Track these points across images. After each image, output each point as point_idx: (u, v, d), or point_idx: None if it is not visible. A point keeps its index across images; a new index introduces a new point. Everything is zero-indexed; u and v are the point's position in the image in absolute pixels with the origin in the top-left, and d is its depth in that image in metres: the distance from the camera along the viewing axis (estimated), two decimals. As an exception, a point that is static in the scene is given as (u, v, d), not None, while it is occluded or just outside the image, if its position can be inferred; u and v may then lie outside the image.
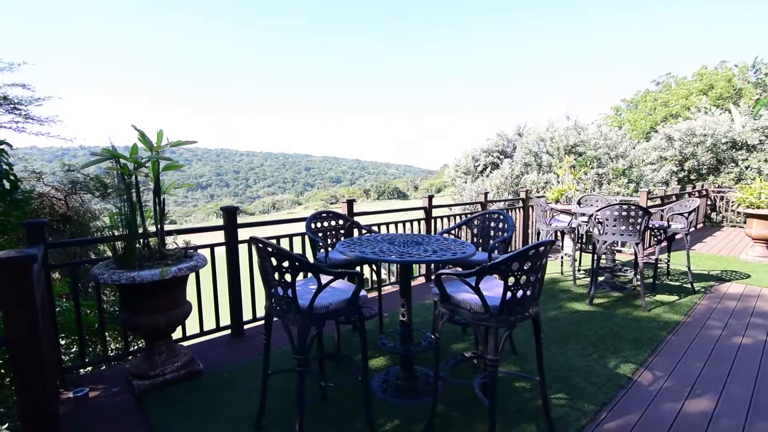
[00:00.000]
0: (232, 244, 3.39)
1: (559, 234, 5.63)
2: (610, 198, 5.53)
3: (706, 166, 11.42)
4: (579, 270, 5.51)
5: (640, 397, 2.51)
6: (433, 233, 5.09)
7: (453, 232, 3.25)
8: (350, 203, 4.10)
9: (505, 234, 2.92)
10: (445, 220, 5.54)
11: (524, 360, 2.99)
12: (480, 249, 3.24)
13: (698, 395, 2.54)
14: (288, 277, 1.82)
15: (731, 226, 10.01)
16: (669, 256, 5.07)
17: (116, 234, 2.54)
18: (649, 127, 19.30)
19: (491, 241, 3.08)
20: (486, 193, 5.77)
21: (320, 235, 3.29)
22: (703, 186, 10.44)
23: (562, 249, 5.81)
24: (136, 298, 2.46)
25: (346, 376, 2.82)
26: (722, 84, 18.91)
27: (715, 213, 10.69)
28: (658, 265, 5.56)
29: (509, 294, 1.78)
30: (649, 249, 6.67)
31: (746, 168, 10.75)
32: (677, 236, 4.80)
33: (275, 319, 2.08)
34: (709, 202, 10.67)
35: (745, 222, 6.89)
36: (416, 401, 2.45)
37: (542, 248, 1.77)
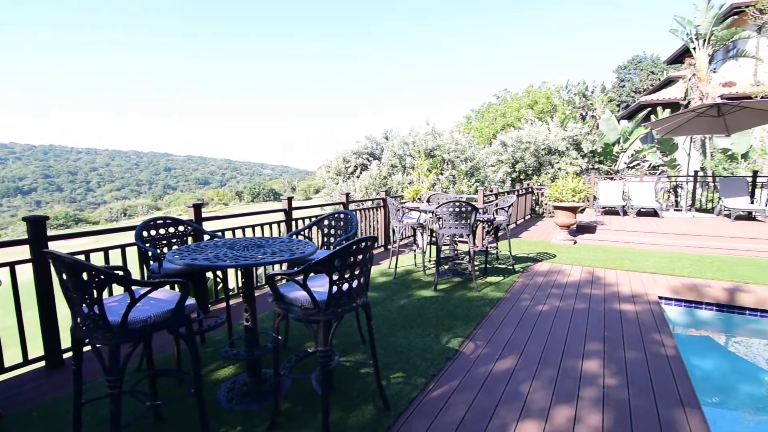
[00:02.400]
0: (40, 260, 2.87)
1: (412, 229, 6.18)
2: (451, 196, 6.29)
3: (531, 168, 13.83)
4: (430, 261, 6.15)
5: (463, 365, 2.96)
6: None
7: (304, 233, 3.32)
8: (197, 207, 3.85)
9: (349, 233, 3.11)
10: (306, 221, 5.59)
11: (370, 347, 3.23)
12: (332, 248, 3.38)
13: (505, 356, 3.10)
14: (94, 292, 1.64)
15: (549, 217, 12.32)
16: (497, 244, 6.00)
17: None
18: (492, 134, 22.51)
19: (336, 240, 3.24)
20: (347, 194, 6.01)
21: (157, 243, 3.02)
22: (529, 184, 12.62)
23: (415, 243, 6.39)
24: None
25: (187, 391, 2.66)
26: (543, 100, 23.17)
27: (538, 206, 13.02)
28: (491, 252, 6.55)
29: (335, 288, 1.92)
30: (488, 238, 7.81)
31: (558, 169, 13.36)
32: (501, 227, 5.73)
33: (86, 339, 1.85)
34: (534, 197, 12.94)
35: (552, 213, 8.56)
36: (263, 404, 2.44)
37: (363, 244, 1.96)
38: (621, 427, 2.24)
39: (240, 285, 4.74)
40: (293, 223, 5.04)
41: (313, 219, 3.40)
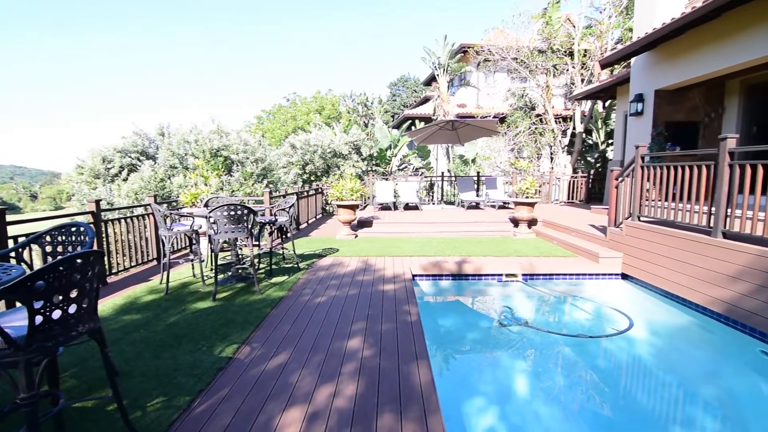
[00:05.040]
0: None
1: (188, 237, 5.65)
2: (233, 199, 6.06)
3: (320, 170, 14.67)
4: (212, 269, 5.76)
5: (235, 371, 2.91)
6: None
7: (11, 255, 2.59)
8: None
9: (84, 248, 2.61)
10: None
11: (127, 376, 2.81)
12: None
13: (279, 352, 3.21)
14: None
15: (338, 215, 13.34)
16: (284, 245, 6.14)
17: None
18: (283, 136, 22.78)
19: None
20: (98, 201, 5.00)
21: None
22: (318, 185, 13.34)
23: (192, 252, 5.88)
24: None
25: None
26: (329, 107, 24.90)
27: (328, 206, 13.91)
28: (278, 253, 6.64)
29: (39, 318, 1.58)
30: (277, 240, 7.88)
31: (343, 171, 14.63)
32: (285, 227, 5.88)
33: None
34: (324, 197, 13.76)
35: (334, 211, 9.32)
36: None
37: (79, 261, 1.68)
38: (371, 389, 2.64)
39: None
40: (9, 241, 3.86)
41: (31, 236, 2.70)
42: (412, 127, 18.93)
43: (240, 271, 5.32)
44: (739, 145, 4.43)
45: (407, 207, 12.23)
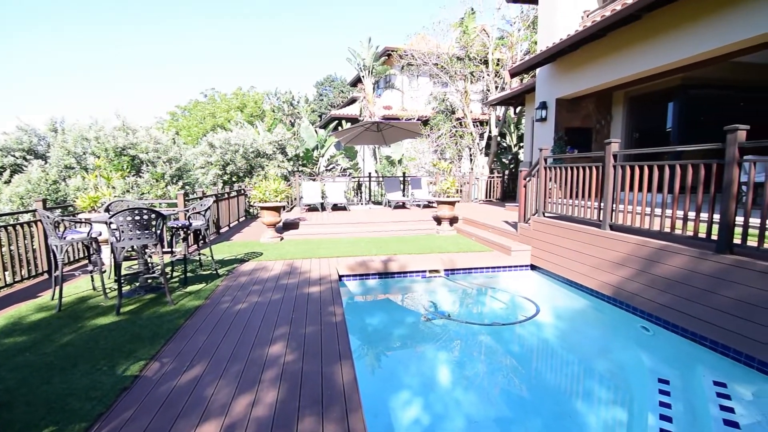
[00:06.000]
0: None
1: (85, 247, 5.07)
2: (140, 203, 5.55)
3: (243, 170, 14.00)
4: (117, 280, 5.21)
5: (142, 390, 2.66)
6: None
7: None
8: None
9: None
10: None
11: (7, 407, 2.44)
12: None
13: (194, 365, 3.01)
14: None
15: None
16: (200, 251, 5.76)
17: None
18: (201, 134, 21.34)
19: None
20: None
21: None
22: (241, 186, 12.72)
23: (91, 262, 5.28)
24: None
25: None
26: (252, 105, 23.85)
27: (252, 208, 13.33)
28: (194, 259, 6.22)
29: None
30: (193, 246, 7.36)
31: (267, 172, 14.11)
32: (201, 232, 5.52)
33: None
34: (247, 199, 13.15)
35: (258, 214, 8.98)
36: None
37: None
38: (293, 394, 2.59)
39: None
40: None
41: None
42: (339, 128, 18.89)
43: (150, 281, 4.88)
44: (622, 149, 5.09)
45: (335, 207, 12.17)
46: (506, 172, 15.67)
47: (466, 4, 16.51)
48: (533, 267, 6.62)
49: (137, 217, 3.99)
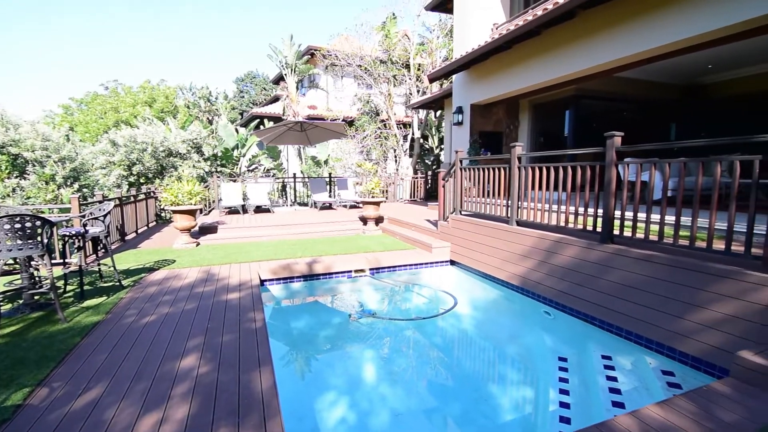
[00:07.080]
0: None
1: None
2: (21, 207, 4.85)
3: (152, 171, 12.84)
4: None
5: (27, 421, 2.34)
6: None
7: None
8: None
9: None
10: None
11: None
12: None
13: (91, 388, 2.71)
14: None
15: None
16: (99, 261, 5.18)
17: None
18: (102, 130, 19.15)
19: None
20: None
21: None
22: (149, 188, 11.66)
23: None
24: None
25: None
26: (162, 99, 21.95)
27: (164, 212, 12.29)
28: (93, 270, 5.59)
29: None
30: (91, 256, 6.59)
31: (181, 173, 13.11)
32: (101, 240, 4.97)
33: None
34: (158, 202, 12.09)
35: (171, 218, 8.33)
36: None
37: None
38: (206, 406, 2.46)
39: None
40: None
41: None
42: (261, 126, 18.18)
43: (37, 297, 4.29)
44: (526, 152, 5.60)
45: (258, 210, 11.70)
46: (429, 172, 16.33)
47: (388, 9, 16.91)
48: (452, 262, 7.00)
49: (17, 225, 3.48)
